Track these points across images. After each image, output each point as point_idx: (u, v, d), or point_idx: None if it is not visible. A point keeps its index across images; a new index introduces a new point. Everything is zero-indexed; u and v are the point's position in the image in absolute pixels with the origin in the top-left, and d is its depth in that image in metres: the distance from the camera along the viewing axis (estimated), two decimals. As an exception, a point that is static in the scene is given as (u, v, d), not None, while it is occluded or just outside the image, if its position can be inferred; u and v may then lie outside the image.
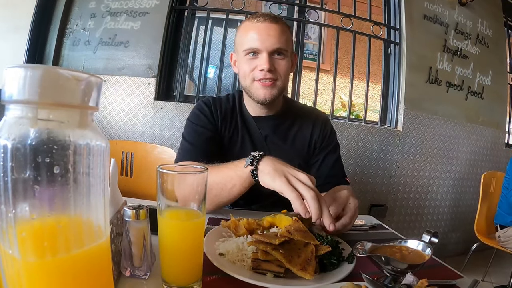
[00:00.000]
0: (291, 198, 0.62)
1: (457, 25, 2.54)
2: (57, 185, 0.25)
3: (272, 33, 0.88)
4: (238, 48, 0.94)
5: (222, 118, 1.00)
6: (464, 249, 2.38)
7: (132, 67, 2.03)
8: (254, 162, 0.72)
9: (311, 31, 3.65)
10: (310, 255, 0.52)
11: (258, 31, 0.88)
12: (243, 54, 0.91)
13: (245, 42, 0.90)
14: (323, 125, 1.06)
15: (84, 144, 0.27)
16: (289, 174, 0.67)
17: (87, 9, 2.09)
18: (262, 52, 0.89)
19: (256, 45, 0.88)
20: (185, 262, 0.46)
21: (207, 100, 1.03)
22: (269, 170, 0.69)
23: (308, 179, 0.66)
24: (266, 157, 0.73)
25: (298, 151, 1.03)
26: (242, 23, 0.95)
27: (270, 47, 0.88)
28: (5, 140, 0.24)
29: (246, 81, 0.93)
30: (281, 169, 0.68)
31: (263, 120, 1.01)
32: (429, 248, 0.53)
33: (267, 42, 0.88)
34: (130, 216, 0.47)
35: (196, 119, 0.99)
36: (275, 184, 0.66)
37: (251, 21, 0.91)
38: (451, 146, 2.52)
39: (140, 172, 1.41)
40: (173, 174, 0.44)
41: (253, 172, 0.72)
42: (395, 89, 2.38)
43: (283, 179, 0.65)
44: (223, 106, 1.02)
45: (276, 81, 0.91)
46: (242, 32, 0.93)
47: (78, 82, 0.26)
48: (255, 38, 0.88)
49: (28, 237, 0.25)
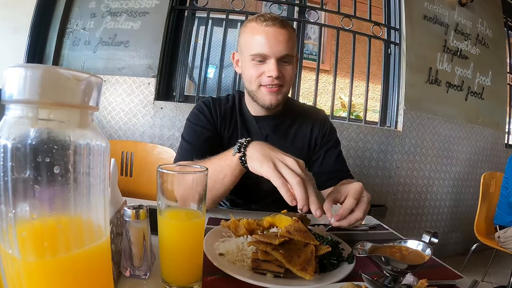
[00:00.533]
0: (277, 185, 0.61)
1: (457, 26, 2.54)
2: (57, 185, 0.25)
3: (281, 39, 0.86)
4: (244, 50, 0.92)
5: (222, 118, 1.00)
6: (464, 249, 2.39)
7: (132, 67, 2.03)
8: (241, 148, 0.71)
9: (311, 31, 3.65)
10: (310, 255, 0.52)
11: (267, 35, 0.86)
12: (249, 58, 0.89)
13: (253, 46, 0.88)
14: (322, 123, 1.06)
15: (84, 144, 0.27)
16: (276, 159, 0.65)
17: (87, 9, 2.09)
18: (270, 58, 0.87)
19: (264, 51, 0.86)
20: (185, 262, 0.46)
21: (206, 101, 1.03)
22: (257, 156, 0.67)
23: (295, 164, 0.64)
24: (254, 142, 0.72)
25: (299, 150, 1.03)
26: (249, 23, 0.91)
27: (279, 54, 0.86)
28: (5, 140, 0.24)
29: (252, 86, 0.92)
30: (268, 154, 0.67)
31: (263, 120, 1.01)
32: (429, 249, 0.53)
33: (276, 48, 0.86)
34: (130, 216, 0.47)
35: (195, 119, 0.99)
36: (262, 169, 0.64)
37: (258, 23, 0.88)
38: (451, 147, 2.52)
39: (140, 172, 1.41)
40: (173, 174, 0.44)
41: (241, 158, 0.71)
42: (395, 89, 2.38)
43: (270, 165, 0.63)
44: (223, 106, 1.02)
45: (282, 87, 0.91)
46: (249, 34, 0.90)
47: (78, 82, 0.26)
48: (263, 43, 0.86)
49: (28, 237, 0.25)
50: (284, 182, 0.61)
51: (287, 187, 0.60)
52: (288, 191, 0.60)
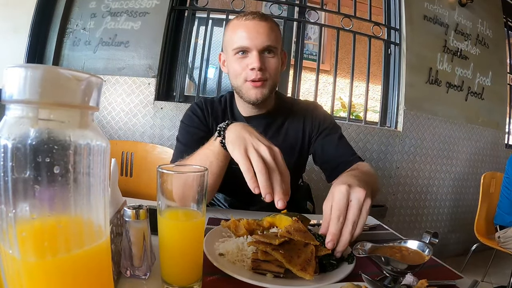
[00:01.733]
0: (242, 170, 0.59)
1: (457, 26, 2.54)
2: (57, 185, 0.25)
3: (262, 31, 0.87)
4: (227, 47, 0.93)
5: (214, 118, 1.00)
6: (464, 249, 2.38)
7: (132, 67, 2.03)
8: (221, 132, 0.70)
9: (311, 32, 3.65)
10: (310, 255, 0.52)
11: (247, 29, 0.87)
12: (232, 53, 0.90)
13: (234, 41, 0.89)
14: (314, 113, 1.04)
15: (84, 144, 0.27)
16: (250, 143, 0.62)
17: (88, 9, 2.09)
18: (252, 51, 0.87)
19: (245, 43, 0.87)
20: (185, 262, 0.46)
21: (199, 102, 1.03)
22: (232, 138, 0.66)
23: (266, 150, 0.61)
24: (233, 125, 0.70)
25: (292, 146, 1.02)
26: (230, 22, 0.94)
27: (260, 45, 0.87)
28: (5, 140, 0.24)
29: (237, 81, 0.92)
30: (243, 137, 0.64)
31: (254, 120, 1.00)
32: (429, 249, 0.53)
33: (257, 40, 0.87)
34: (130, 216, 0.47)
35: (188, 120, 1.00)
36: (234, 153, 0.62)
37: (239, 19, 0.90)
38: (451, 147, 2.52)
39: (140, 172, 1.41)
40: (173, 174, 0.44)
41: (222, 142, 0.70)
42: (395, 89, 2.38)
43: (241, 149, 0.61)
44: (215, 107, 1.02)
45: (266, 80, 0.90)
46: (231, 30, 0.91)
47: (78, 82, 0.26)
48: (244, 36, 0.87)
49: (28, 237, 0.25)
50: (250, 168, 0.59)
51: (251, 174, 0.58)
52: (252, 178, 0.58)
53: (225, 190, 1.06)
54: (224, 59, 0.98)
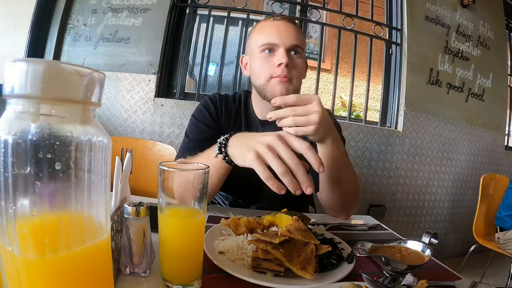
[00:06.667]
0: (263, 178, 0.58)
1: (458, 27, 2.54)
2: (58, 181, 0.25)
3: (291, 31, 0.87)
4: (253, 46, 0.91)
5: (227, 117, 0.99)
6: (462, 250, 2.39)
7: (132, 64, 2.02)
8: (222, 149, 0.69)
9: (312, 30, 3.64)
10: (310, 254, 0.52)
11: (276, 27, 0.87)
12: (258, 51, 0.88)
13: (262, 38, 0.88)
14: None
15: (86, 140, 0.27)
16: (258, 145, 0.60)
17: (89, 5, 2.08)
18: (279, 48, 0.86)
19: (273, 40, 0.86)
20: (185, 260, 0.46)
21: (213, 96, 1.01)
22: (239, 152, 0.65)
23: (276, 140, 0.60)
24: (232, 139, 0.69)
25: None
26: (257, 23, 0.93)
27: (288, 43, 0.86)
28: (6, 135, 0.23)
29: (261, 79, 0.88)
30: (247, 143, 0.63)
31: (270, 125, 0.91)
32: (429, 249, 0.53)
33: (285, 38, 0.86)
34: (130, 213, 0.47)
35: (200, 116, 0.98)
36: (247, 163, 0.61)
37: (267, 21, 0.90)
38: (451, 148, 2.52)
39: (140, 169, 1.41)
40: (175, 171, 0.44)
41: (225, 159, 0.69)
42: (396, 89, 2.38)
43: (252, 155, 0.60)
44: (229, 105, 1.00)
45: (292, 80, 0.88)
46: (258, 31, 0.91)
47: (81, 77, 0.26)
48: (273, 34, 0.87)
49: (28, 234, 0.25)
50: (270, 175, 0.57)
51: (273, 180, 0.57)
52: (274, 184, 0.57)
53: (226, 189, 1.05)
54: (246, 61, 0.97)
